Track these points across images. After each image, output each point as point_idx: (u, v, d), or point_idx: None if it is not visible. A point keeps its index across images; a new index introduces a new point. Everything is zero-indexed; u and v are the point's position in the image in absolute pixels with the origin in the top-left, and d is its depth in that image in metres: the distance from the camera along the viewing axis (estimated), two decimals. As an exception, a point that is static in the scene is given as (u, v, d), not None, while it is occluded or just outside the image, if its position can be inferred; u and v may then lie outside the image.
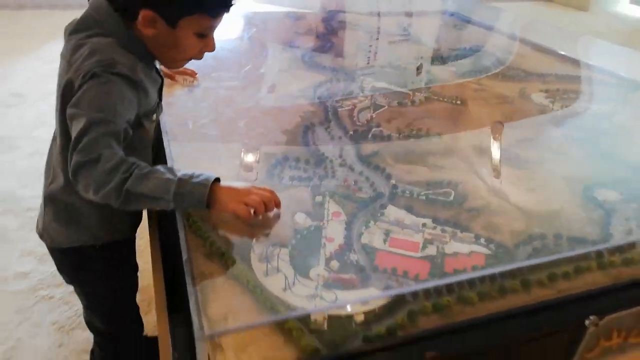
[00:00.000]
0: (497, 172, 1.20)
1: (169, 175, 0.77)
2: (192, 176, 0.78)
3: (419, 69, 1.79)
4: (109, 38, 0.81)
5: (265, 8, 2.61)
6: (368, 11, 2.70)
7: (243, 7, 2.42)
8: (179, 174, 0.78)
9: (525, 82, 1.77)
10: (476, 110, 1.50)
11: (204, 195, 0.78)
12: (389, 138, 1.27)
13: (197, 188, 0.77)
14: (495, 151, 1.25)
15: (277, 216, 0.90)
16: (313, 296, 0.78)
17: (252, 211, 0.85)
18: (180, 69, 1.38)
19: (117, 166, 0.75)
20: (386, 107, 1.43)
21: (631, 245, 0.93)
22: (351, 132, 1.28)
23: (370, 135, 1.26)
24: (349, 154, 1.19)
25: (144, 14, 0.80)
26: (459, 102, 1.48)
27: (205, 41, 0.85)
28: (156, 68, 1.01)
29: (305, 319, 0.74)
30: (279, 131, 1.25)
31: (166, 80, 1.21)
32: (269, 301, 0.76)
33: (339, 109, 1.38)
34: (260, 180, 1.07)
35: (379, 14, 2.54)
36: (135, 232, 1.13)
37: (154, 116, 0.92)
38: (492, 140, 1.32)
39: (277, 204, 0.88)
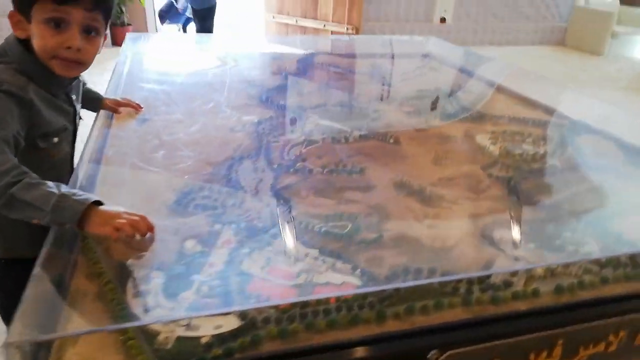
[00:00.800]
0: (410, 210, 1.24)
1: (54, 190, 0.82)
2: (74, 194, 0.84)
3: (434, 103, 1.88)
4: (10, 64, 0.91)
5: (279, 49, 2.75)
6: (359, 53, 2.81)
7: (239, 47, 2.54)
8: (64, 189, 0.85)
9: (476, 124, 1.82)
10: (408, 149, 1.55)
11: (79, 212, 0.83)
12: (310, 172, 1.33)
13: (75, 205, 0.83)
14: (409, 190, 1.30)
15: (151, 240, 0.96)
16: (168, 317, 0.83)
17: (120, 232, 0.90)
18: (124, 101, 1.49)
19: (8, 170, 0.79)
20: (320, 143, 1.49)
21: (508, 283, 0.95)
22: (275, 166, 1.34)
23: (292, 170, 1.33)
24: (264, 186, 1.26)
25: (10, 15, 0.90)
26: (391, 140, 1.54)
27: (63, 34, 0.90)
28: (70, 99, 1.11)
29: (151, 338, 0.78)
30: (206, 162, 1.33)
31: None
32: (123, 319, 0.81)
33: (272, 144, 1.45)
34: (169, 207, 1.13)
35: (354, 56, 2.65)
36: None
37: (56, 139, 1.00)
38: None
39: (149, 228, 0.94)
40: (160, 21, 6.62)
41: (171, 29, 6.96)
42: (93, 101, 1.39)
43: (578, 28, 7.43)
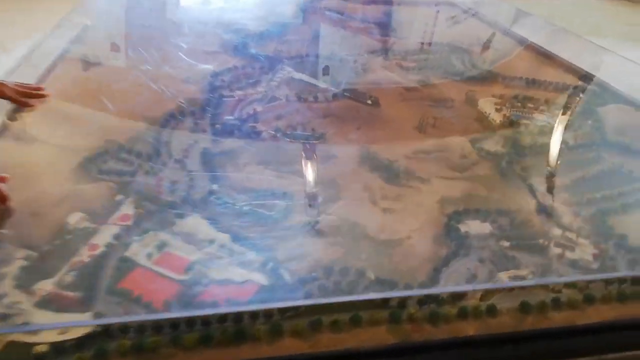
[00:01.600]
0: (369, 189, 1.02)
1: None
2: None
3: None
4: None
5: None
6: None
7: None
8: None
9: (482, 86, 1.54)
10: (390, 113, 1.30)
11: None
12: (257, 136, 1.12)
13: None
14: (375, 163, 1.07)
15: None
16: (5, 315, 0.67)
17: None
18: (25, 89, 1.15)
19: None
20: (282, 100, 1.27)
21: (456, 296, 0.73)
22: (217, 126, 1.14)
23: (237, 132, 1.12)
24: (196, 150, 1.06)
25: None
26: (370, 101, 1.30)
27: None
28: None
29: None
30: (135, 119, 1.14)
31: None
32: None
33: (225, 100, 1.25)
34: (71, 170, 0.96)
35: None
36: None
37: None
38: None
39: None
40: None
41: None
42: None
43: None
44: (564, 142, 1.25)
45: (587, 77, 1.64)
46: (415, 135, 1.21)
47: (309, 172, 1.03)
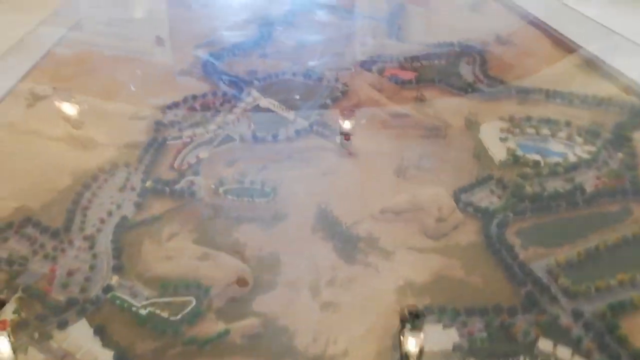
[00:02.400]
0: (314, 269, 0.83)
1: None
2: None
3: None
4: None
5: None
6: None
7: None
8: None
9: (490, 102, 1.28)
10: (364, 150, 1.08)
11: None
12: (191, 196, 0.94)
13: None
14: (333, 227, 0.87)
15: None
16: None
17: None
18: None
19: None
20: (237, 141, 1.09)
21: None
22: (149, 183, 0.97)
23: (167, 191, 0.95)
24: (113, 219, 0.90)
25: None
26: (340, 140, 1.08)
27: None
28: None
29: None
30: (68, 173, 0.99)
31: None
32: None
33: (168, 143, 1.07)
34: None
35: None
36: None
37: None
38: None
39: None
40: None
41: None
42: None
43: None
44: (580, 189, 0.98)
45: (630, 89, 1.34)
46: (390, 183, 1.00)
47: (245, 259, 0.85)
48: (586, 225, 0.87)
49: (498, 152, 1.07)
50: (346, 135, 1.08)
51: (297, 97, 1.24)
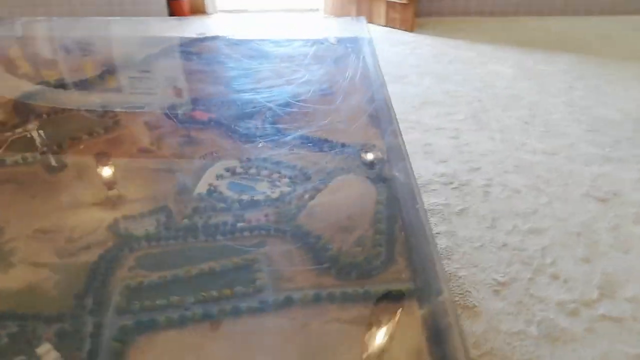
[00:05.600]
0: None
1: None
2: None
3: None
4: None
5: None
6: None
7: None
8: None
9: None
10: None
11: None
12: None
13: None
14: None
15: None
16: None
17: None
18: None
19: None
20: None
21: None
22: None
23: None
24: None
25: None
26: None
27: None
28: None
29: None
30: None
31: None
32: None
33: None
34: None
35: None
36: None
37: None
38: None
39: None
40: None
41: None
42: None
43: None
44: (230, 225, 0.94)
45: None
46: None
47: None
48: (203, 256, 0.87)
49: (201, 187, 1.10)
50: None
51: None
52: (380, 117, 1.24)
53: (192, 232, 0.88)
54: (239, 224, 0.90)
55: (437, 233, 1.87)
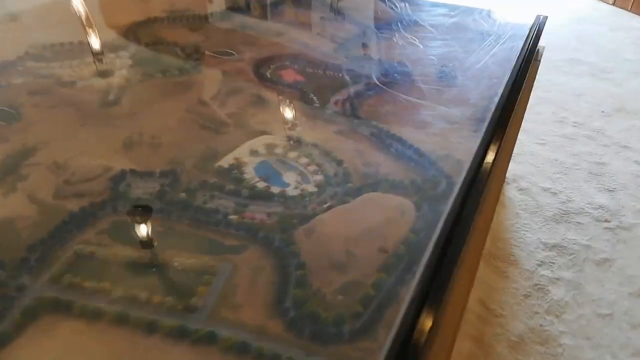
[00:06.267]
0: None
1: None
2: None
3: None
4: None
5: None
6: None
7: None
8: None
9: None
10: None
11: None
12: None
13: None
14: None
15: None
16: None
17: None
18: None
19: None
20: None
21: None
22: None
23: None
24: None
25: None
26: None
27: None
28: None
29: None
30: None
31: None
32: None
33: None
34: None
35: None
36: None
37: None
38: None
39: None
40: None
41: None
42: None
43: None
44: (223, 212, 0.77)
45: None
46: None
47: None
48: (173, 242, 0.73)
49: (227, 160, 0.95)
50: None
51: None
52: (483, 127, 0.94)
53: (180, 210, 0.76)
54: (231, 217, 0.75)
55: (556, 278, 1.47)
